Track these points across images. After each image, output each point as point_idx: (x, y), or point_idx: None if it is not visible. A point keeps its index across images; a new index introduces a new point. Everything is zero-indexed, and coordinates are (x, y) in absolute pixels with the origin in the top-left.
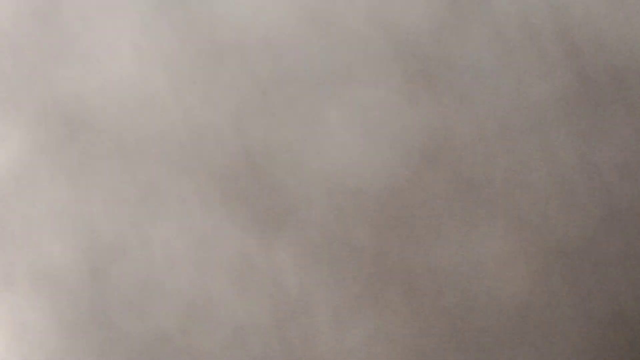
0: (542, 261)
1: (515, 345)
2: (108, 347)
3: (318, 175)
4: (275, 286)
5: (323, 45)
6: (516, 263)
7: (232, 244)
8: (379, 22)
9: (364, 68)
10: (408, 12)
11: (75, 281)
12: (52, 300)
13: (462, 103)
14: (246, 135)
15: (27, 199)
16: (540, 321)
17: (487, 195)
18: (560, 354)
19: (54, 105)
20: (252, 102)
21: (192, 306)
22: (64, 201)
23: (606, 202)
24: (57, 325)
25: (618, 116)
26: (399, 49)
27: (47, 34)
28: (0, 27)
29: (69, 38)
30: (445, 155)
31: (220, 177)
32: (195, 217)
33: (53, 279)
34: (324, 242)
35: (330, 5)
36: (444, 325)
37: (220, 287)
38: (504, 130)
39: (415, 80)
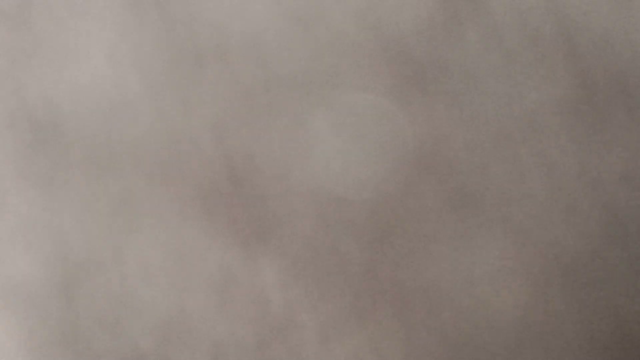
0: (540, 275)
1: None
2: None
3: (303, 185)
4: (258, 302)
5: (309, 48)
6: (513, 277)
7: (212, 257)
8: (368, 23)
9: (353, 72)
10: (399, 12)
11: (45, 297)
12: (20, 316)
13: (455, 108)
14: (227, 143)
15: None
16: (539, 338)
17: (482, 206)
18: None
19: (22, 110)
20: (233, 107)
21: (169, 323)
22: (33, 212)
23: (608, 213)
24: (26, 344)
25: (619, 122)
26: (389, 52)
27: (15, 35)
28: None
29: (39, 40)
30: (437, 163)
31: (200, 186)
32: (172, 229)
33: (21, 295)
34: (310, 255)
35: (317, 5)
36: (437, 343)
37: (199, 303)
38: (500, 137)
39: (407, 84)
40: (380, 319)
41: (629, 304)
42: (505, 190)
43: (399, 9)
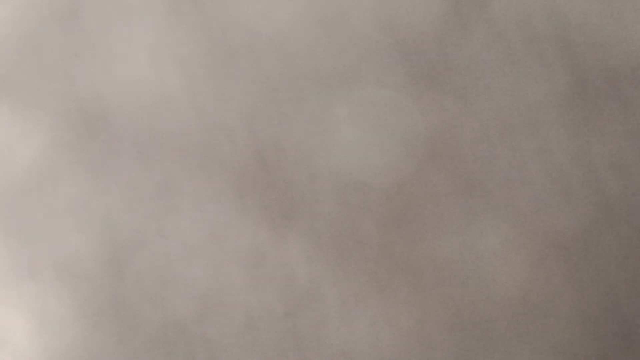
0: (539, 254)
1: (514, 334)
2: (126, 335)
3: (326, 171)
4: (285, 277)
5: (331, 47)
6: (515, 255)
7: (244, 237)
8: (384, 24)
9: (370, 69)
10: (412, 14)
11: (95, 272)
12: (73, 290)
13: (463, 103)
14: (257, 133)
15: (49, 194)
16: (538, 311)
17: (487, 191)
18: (558, 342)
19: (74, 104)
20: (262, 101)
21: (207, 296)
22: (84, 196)
23: (601, 197)
24: (78, 314)
25: (613, 115)
26: (404, 51)
27: (67, 35)
28: (23, 30)
29: (88, 40)
30: (447, 152)
31: (233, 173)
32: (209, 212)
33: (74, 270)
34: (332, 235)
35: (338, 7)
36: (447, 314)
37: (233, 278)
38: (504, 129)
39: (419, 80)
40: (396, 292)
41: (619, 278)
42: (508, 176)
43: (412, 13)
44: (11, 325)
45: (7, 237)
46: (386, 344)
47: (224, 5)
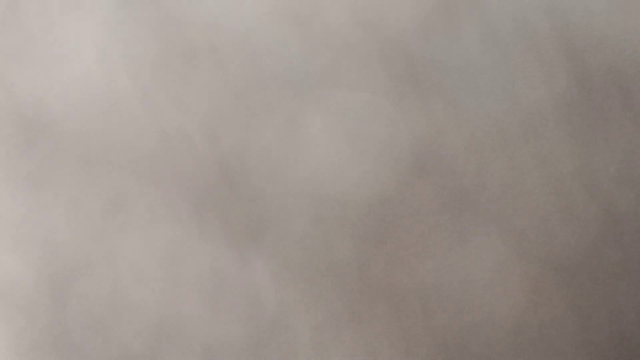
0: (538, 276)
1: None
2: None
3: (297, 184)
4: (251, 304)
5: (303, 46)
6: (510, 278)
7: (204, 259)
8: (363, 20)
9: (348, 70)
10: (394, 10)
11: (34, 299)
12: (8, 319)
13: (452, 107)
14: (220, 142)
15: None
16: (536, 340)
17: (479, 206)
18: None
19: (11, 109)
20: (226, 106)
21: (161, 325)
22: (22, 212)
23: (606, 212)
24: (14, 347)
25: (618, 121)
26: (385, 50)
27: (4, 34)
28: None
29: (28, 38)
30: (434, 163)
31: (192, 187)
32: (164, 230)
33: (9, 296)
34: (304, 256)
35: (312, 3)
36: (433, 346)
37: (191, 305)
38: (498, 136)
39: (402, 83)
40: (375, 321)
41: (627, 303)
42: (502, 189)
43: (394, 7)
44: None
45: None
46: None
47: None
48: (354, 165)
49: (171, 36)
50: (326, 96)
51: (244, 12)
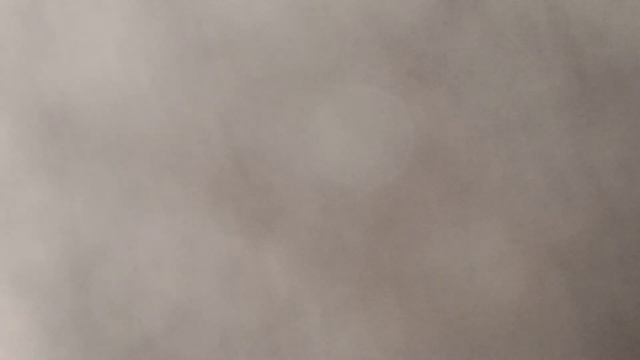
0: (537, 262)
1: (510, 349)
2: (91, 352)
3: (308, 174)
4: (263, 289)
5: (313, 42)
6: (511, 265)
7: (219, 246)
8: (370, 17)
9: (355, 65)
10: (400, 7)
11: (57, 284)
12: (34, 303)
13: (455, 100)
14: (233, 134)
15: (7, 200)
16: (535, 324)
17: (481, 195)
18: (557, 356)
19: (36, 103)
20: (239, 100)
21: (178, 309)
22: (45, 201)
23: (603, 202)
24: (39, 329)
25: (615, 114)
26: (391, 46)
27: (29, 30)
28: None
29: (52, 35)
30: (438, 154)
31: (207, 177)
32: (180, 218)
33: (34, 282)
34: (314, 243)
35: (321, 1)
36: (437, 329)
37: (206, 290)
38: (499, 128)
39: (408, 77)
40: (382, 305)
41: (622, 289)
42: (503, 180)
43: (400, 4)
44: None
45: None
46: None
47: None
48: (362, 156)
49: (187, 33)
50: (335, 90)
51: (255, 9)
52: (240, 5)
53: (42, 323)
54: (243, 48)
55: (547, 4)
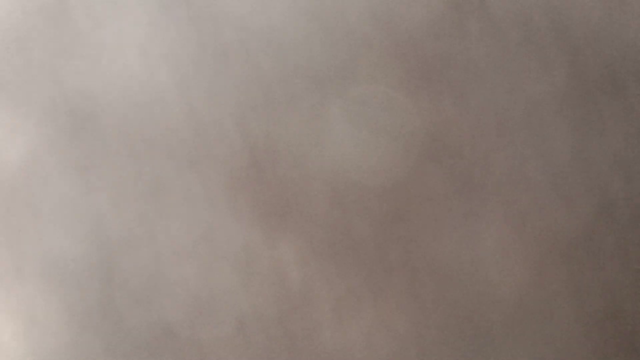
0: (539, 254)
1: (513, 336)
2: (115, 338)
3: (320, 170)
4: (278, 279)
5: (325, 43)
6: (513, 257)
7: (235, 238)
8: (379, 20)
9: (365, 65)
10: (408, 10)
11: (83, 274)
12: (61, 292)
13: (460, 99)
14: (249, 131)
15: (36, 194)
16: (537, 313)
17: (485, 190)
18: (557, 344)
19: (62, 101)
20: (255, 98)
21: (197, 299)
22: (72, 195)
23: (601, 196)
24: (66, 317)
25: (613, 112)
26: (399, 47)
27: (55, 31)
28: (9, 24)
29: (77, 35)
30: (444, 150)
31: (225, 172)
32: (200, 212)
33: (62, 272)
34: (326, 235)
35: (332, 3)
36: (444, 317)
37: (224, 280)
38: (502, 126)
39: (415, 77)
40: (391, 295)
41: (620, 280)
42: (506, 175)
43: (408, 8)
44: None
45: None
46: (381, 348)
47: (215, 0)
48: (371, 152)
49: (205, 35)
50: (346, 89)
51: (270, 12)
52: (256, 8)
53: (69, 311)
54: (258, 49)
55: (548, 5)
